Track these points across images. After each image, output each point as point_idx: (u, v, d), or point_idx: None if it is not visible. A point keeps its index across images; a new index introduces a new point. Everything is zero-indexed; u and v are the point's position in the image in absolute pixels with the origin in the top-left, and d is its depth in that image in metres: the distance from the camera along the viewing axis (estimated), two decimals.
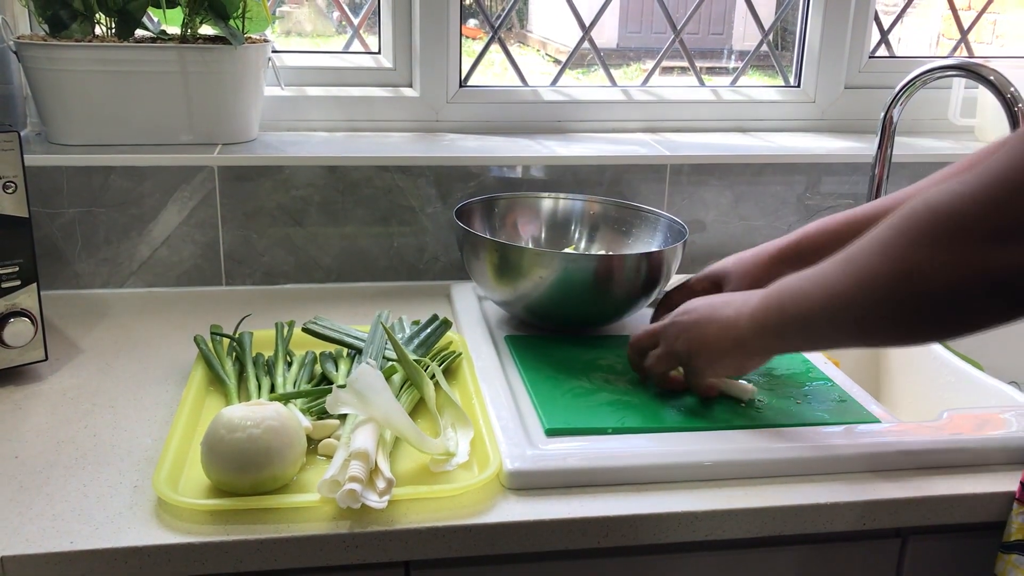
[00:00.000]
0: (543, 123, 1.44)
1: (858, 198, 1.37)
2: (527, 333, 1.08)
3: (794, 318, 0.76)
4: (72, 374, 0.99)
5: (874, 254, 0.67)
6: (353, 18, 1.44)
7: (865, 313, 0.69)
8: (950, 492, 0.82)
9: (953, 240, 0.61)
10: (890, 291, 0.66)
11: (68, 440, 0.85)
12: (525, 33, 1.66)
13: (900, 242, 0.65)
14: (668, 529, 0.78)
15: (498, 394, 0.92)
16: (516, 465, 0.79)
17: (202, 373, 0.95)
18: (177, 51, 1.19)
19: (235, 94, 1.24)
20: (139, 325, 1.12)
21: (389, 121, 1.40)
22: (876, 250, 0.67)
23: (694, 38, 1.53)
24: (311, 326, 1.01)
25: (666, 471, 0.81)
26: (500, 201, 1.22)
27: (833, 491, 0.80)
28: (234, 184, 1.21)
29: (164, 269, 1.23)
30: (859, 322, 0.70)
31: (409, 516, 0.75)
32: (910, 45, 1.66)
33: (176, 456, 0.79)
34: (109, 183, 1.18)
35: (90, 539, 0.71)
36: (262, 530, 0.72)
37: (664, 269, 1.05)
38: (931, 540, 0.86)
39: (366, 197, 1.25)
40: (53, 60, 1.16)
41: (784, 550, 0.84)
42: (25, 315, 0.94)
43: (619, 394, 0.93)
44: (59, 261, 1.19)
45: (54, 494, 0.76)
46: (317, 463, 0.82)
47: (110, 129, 1.21)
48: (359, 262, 1.27)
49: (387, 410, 0.79)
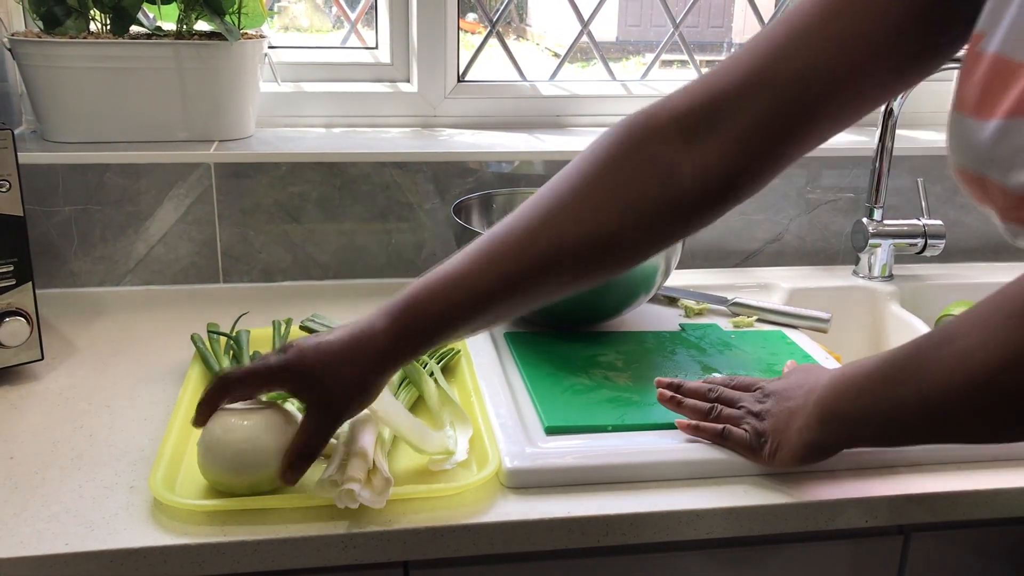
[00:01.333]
0: (542, 118, 1.43)
1: (859, 192, 1.36)
2: (526, 330, 1.07)
3: (865, 411, 0.70)
4: (68, 373, 0.98)
5: (942, 359, 0.60)
6: (350, 13, 1.43)
7: (936, 425, 0.64)
8: (953, 489, 0.81)
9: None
10: (962, 396, 0.59)
11: (64, 440, 0.85)
12: (524, 27, 1.65)
13: (967, 341, 0.58)
14: (669, 527, 0.77)
15: (497, 392, 0.91)
16: (515, 463, 0.79)
17: (199, 372, 0.95)
18: (173, 47, 1.18)
19: (231, 90, 1.23)
20: (136, 323, 1.11)
21: (386, 116, 1.39)
22: (942, 354, 0.61)
23: (694, 31, 1.52)
24: (309, 323, 1.00)
25: (666, 469, 0.81)
26: (498, 197, 1.21)
27: (834, 489, 0.80)
28: (231, 181, 1.20)
29: (161, 267, 1.22)
30: (932, 433, 0.66)
31: (408, 516, 0.74)
32: None
33: (172, 456, 0.79)
34: (105, 180, 1.17)
35: (86, 540, 0.70)
36: (259, 531, 0.72)
37: (663, 265, 1.05)
38: (934, 537, 0.85)
39: (364, 193, 1.24)
40: (48, 57, 1.15)
41: (785, 548, 0.83)
42: (20, 314, 0.93)
43: (619, 391, 0.93)
44: (55, 259, 1.19)
45: (49, 495, 0.76)
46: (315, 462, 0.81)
47: (106, 126, 1.20)
48: (357, 259, 1.27)
49: (386, 409, 0.78)
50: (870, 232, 1.27)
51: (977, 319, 0.59)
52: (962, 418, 0.62)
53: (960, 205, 1.39)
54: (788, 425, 0.77)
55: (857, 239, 1.30)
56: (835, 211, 1.37)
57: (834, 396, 0.72)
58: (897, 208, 1.35)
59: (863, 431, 0.72)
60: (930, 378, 0.62)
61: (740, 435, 0.80)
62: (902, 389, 0.65)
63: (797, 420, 0.76)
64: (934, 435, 0.69)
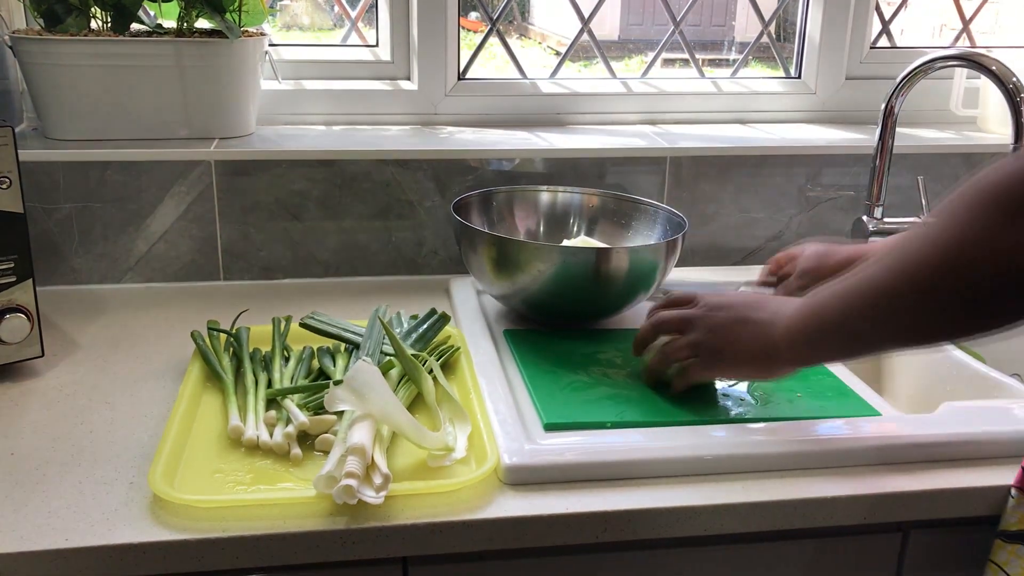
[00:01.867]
0: (542, 116, 1.43)
1: (859, 190, 1.36)
2: (526, 327, 1.08)
3: (832, 323, 0.72)
4: (69, 370, 0.98)
5: (920, 241, 0.62)
6: (351, 11, 1.44)
7: (911, 305, 0.63)
8: (952, 485, 0.81)
9: (1007, 216, 0.56)
10: (933, 270, 0.60)
11: (64, 436, 0.85)
12: (526, 25, 1.65)
13: (947, 225, 0.60)
14: (667, 524, 0.77)
15: (496, 388, 0.91)
16: (514, 460, 0.79)
17: (199, 369, 0.95)
18: (173, 45, 1.18)
19: (232, 88, 1.23)
20: (136, 321, 1.11)
21: (387, 114, 1.39)
22: (921, 237, 0.62)
23: (696, 29, 1.52)
24: (308, 321, 1.01)
25: (665, 465, 0.81)
26: (498, 194, 1.21)
27: (833, 485, 0.80)
28: (231, 179, 1.21)
29: (161, 264, 1.22)
30: (903, 317, 0.65)
31: (406, 512, 0.74)
32: (913, 35, 1.65)
33: (172, 452, 0.79)
34: (106, 178, 1.18)
35: (86, 536, 0.70)
36: (258, 526, 0.72)
37: (662, 263, 1.05)
38: (933, 534, 0.85)
39: (364, 191, 1.24)
40: (49, 55, 1.16)
41: (784, 545, 0.83)
42: (21, 311, 0.93)
43: (618, 388, 0.93)
44: (56, 256, 1.19)
45: (50, 491, 0.76)
46: (314, 458, 0.81)
47: (106, 124, 1.20)
48: (357, 256, 1.27)
49: (385, 406, 0.78)
50: (870, 230, 1.27)
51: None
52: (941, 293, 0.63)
53: None
54: (738, 331, 0.84)
55: (857, 237, 1.30)
56: (835, 209, 1.37)
57: (814, 300, 0.76)
58: (897, 206, 1.35)
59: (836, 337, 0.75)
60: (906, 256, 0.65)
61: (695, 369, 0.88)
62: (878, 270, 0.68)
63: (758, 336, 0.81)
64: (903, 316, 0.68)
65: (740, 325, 0.83)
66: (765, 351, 0.80)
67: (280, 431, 0.82)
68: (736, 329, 0.83)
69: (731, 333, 0.84)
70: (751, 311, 0.83)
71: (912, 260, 0.63)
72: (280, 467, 0.80)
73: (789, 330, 0.77)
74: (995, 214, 0.58)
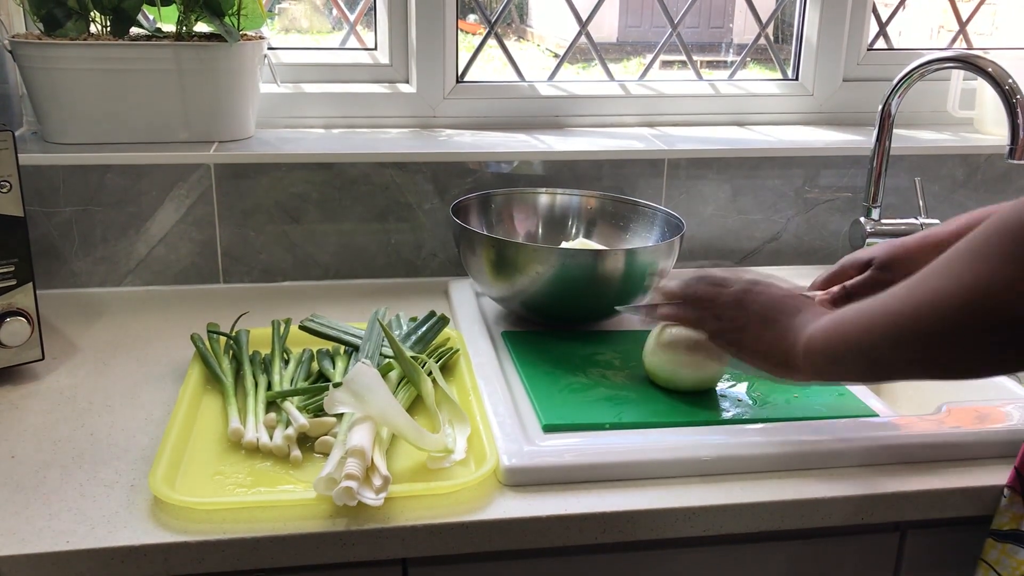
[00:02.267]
0: (540, 118, 1.44)
1: (856, 191, 1.36)
2: (524, 329, 1.08)
3: (853, 344, 0.71)
4: (69, 373, 0.98)
5: (942, 274, 0.62)
6: (349, 14, 1.44)
7: (934, 338, 0.63)
8: (949, 486, 0.82)
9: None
10: (956, 309, 0.60)
11: (65, 439, 0.85)
12: (525, 28, 1.65)
13: (967, 259, 0.60)
14: (666, 525, 0.77)
15: (495, 390, 0.92)
16: (513, 461, 0.79)
17: (199, 371, 0.95)
18: (173, 49, 1.19)
19: (231, 91, 1.24)
20: (136, 324, 1.12)
21: (386, 117, 1.39)
22: (943, 269, 0.62)
23: (694, 32, 1.52)
24: (308, 324, 1.01)
25: (663, 466, 0.81)
26: (497, 197, 1.22)
27: (831, 486, 0.80)
28: (231, 182, 1.21)
29: (161, 267, 1.22)
30: (926, 349, 0.64)
31: (406, 513, 0.74)
32: (910, 36, 1.66)
33: (173, 455, 0.79)
34: (105, 181, 1.18)
35: (86, 539, 0.71)
36: (258, 528, 0.72)
37: (661, 264, 1.05)
38: (930, 534, 0.86)
39: (363, 194, 1.25)
40: (48, 59, 1.16)
41: (782, 545, 0.84)
42: (21, 314, 0.94)
43: (616, 389, 0.93)
44: (56, 260, 1.19)
45: (50, 494, 0.76)
46: (314, 460, 0.82)
47: (106, 127, 1.21)
48: (356, 259, 1.27)
49: (384, 408, 0.79)
50: (867, 231, 1.28)
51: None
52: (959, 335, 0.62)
53: (958, 204, 1.40)
54: (762, 329, 0.80)
55: (855, 238, 1.30)
56: (833, 210, 1.38)
57: (840, 317, 0.73)
58: (895, 207, 1.35)
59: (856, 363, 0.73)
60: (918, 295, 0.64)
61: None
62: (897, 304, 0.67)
63: (776, 345, 0.79)
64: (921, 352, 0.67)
65: (764, 326, 0.80)
66: (783, 358, 0.78)
67: (280, 433, 0.83)
68: (759, 329, 0.81)
69: (753, 332, 0.81)
70: (780, 313, 0.80)
71: (938, 294, 0.63)
72: (280, 469, 0.80)
73: (811, 342, 0.75)
74: (1017, 253, 0.57)
